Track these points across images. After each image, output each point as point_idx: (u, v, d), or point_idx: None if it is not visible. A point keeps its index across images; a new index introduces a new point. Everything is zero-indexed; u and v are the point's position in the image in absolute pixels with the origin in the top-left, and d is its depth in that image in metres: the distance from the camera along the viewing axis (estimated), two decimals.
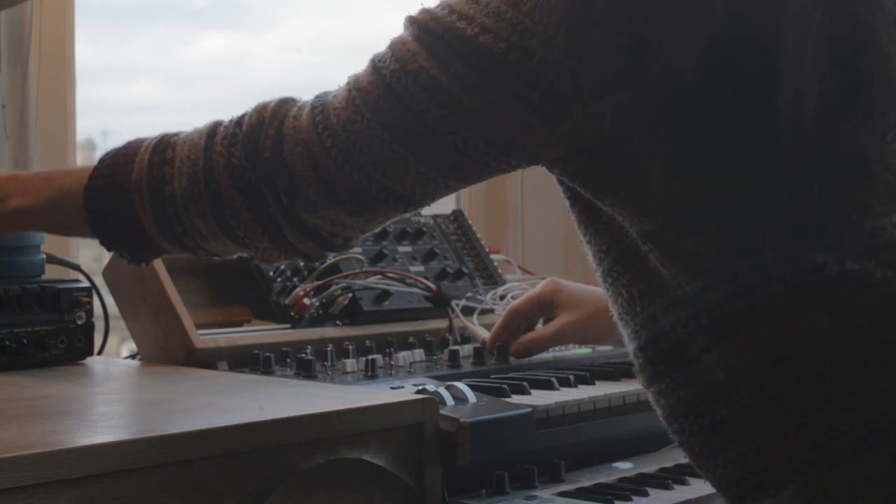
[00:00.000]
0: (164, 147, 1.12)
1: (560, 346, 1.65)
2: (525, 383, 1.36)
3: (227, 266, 1.60)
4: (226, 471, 0.98)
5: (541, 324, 1.62)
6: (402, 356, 1.49)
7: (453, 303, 1.69)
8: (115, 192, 1.13)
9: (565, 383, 1.40)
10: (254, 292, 1.63)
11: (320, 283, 1.62)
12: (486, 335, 1.62)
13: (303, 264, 1.64)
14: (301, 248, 1.09)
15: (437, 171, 1.02)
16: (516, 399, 1.31)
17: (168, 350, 1.48)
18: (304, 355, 1.43)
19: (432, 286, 1.69)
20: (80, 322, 1.44)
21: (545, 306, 1.58)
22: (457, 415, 1.17)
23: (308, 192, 1.04)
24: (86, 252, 2.01)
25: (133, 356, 1.61)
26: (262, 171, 1.05)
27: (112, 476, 0.91)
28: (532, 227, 2.56)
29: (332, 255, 1.41)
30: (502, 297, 1.78)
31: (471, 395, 1.25)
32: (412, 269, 1.77)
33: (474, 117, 0.99)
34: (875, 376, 0.92)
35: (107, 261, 1.55)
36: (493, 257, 1.94)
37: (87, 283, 1.49)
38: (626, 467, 1.34)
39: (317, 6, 2.70)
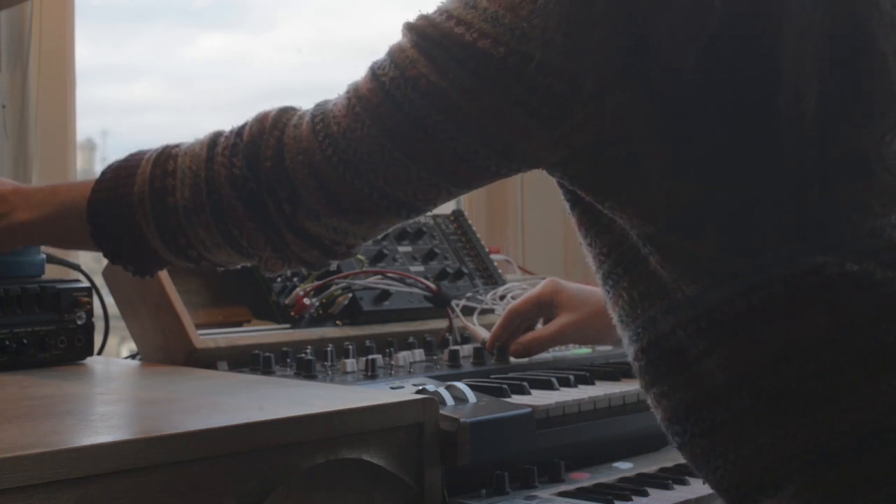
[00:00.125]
0: (165, 159, 1.12)
1: (560, 346, 1.65)
2: (525, 383, 1.36)
3: None
4: (226, 471, 0.98)
5: (541, 324, 1.62)
6: (402, 356, 1.49)
7: (453, 303, 1.69)
8: (118, 205, 1.13)
9: (565, 383, 1.40)
10: (254, 292, 1.63)
11: (320, 283, 1.62)
12: (486, 335, 1.62)
13: None
14: (304, 256, 1.09)
15: (438, 176, 1.02)
16: (516, 399, 1.31)
17: (168, 350, 1.48)
18: (304, 355, 1.43)
19: (432, 286, 1.69)
20: (80, 322, 1.44)
21: (545, 306, 1.59)
22: (457, 415, 1.17)
23: (310, 200, 1.04)
24: (86, 252, 2.00)
25: (133, 356, 1.61)
26: (263, 181, 1.05)
27: (112, 476, 0.91)
28: (532, 227, 2.56)
29: (336, 262, 1.41)
30: (502, 297, 1.78)
31: (471, 395, 1.25)
32: (412, 269, 1.77)
33: (473, 123, 0.99)
34: (875, 376, 0.92)
35: (107, 261, 1.55)
36: (493, 257, 1.94)
37: (87, 283, 1.49)
38: (626, 467, 1.34)
39: (317, 6, 2.70)
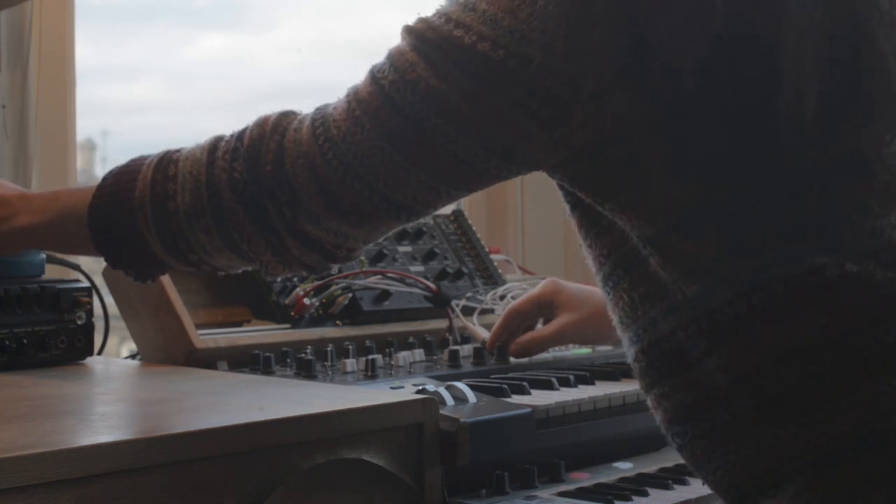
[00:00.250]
0: (166, 164, 1.12)
1: (560, 346, 1.65)
2: (525, 383, 1.36)
3: None
4: (226, 471, 0.98)
5: (541, 324, 1.62)
6: (402, 356, 1.49)
7: (453, 303, 1.69)
8: (119, 210, 1.13)
9: (565, 383, 1.40)
10: (254, 292, 1.63)
11: (320, 283, 1.62)
12: (486, 335, 1.62)
13: None
14: (305, 260, 1.09)
15: (438, 179, 1.02)
16: (516, 399, 1.31)
17: (168, 350, 1.48)
18: (304, 355, 1.43)
19: (432, 286, 1.69)
20: (80, 322, 1.44)
21: (545, 306, 1.59)
22: (457, 415, 1.17)
23: (310, 204, 1.04)
24: None
25: (133, 356, 1.61)
26: (264, 185, 1.05)
27: (112, 476, 0.91)
28: (532, 227, 2.56)
29: (336, 266, 1.41)
30: (502, 297, 1.78)
31: (471, 395, 1.25)
32: (412, 269, 1.77)
33: (473, 125, 0.99)
34: (875, 377, 0.92)
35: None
36: (493, 257, 1.94)
37: (87, 283, 1.49)
38: (626, 467, 1.34)
39: (317, 6, 2.70)
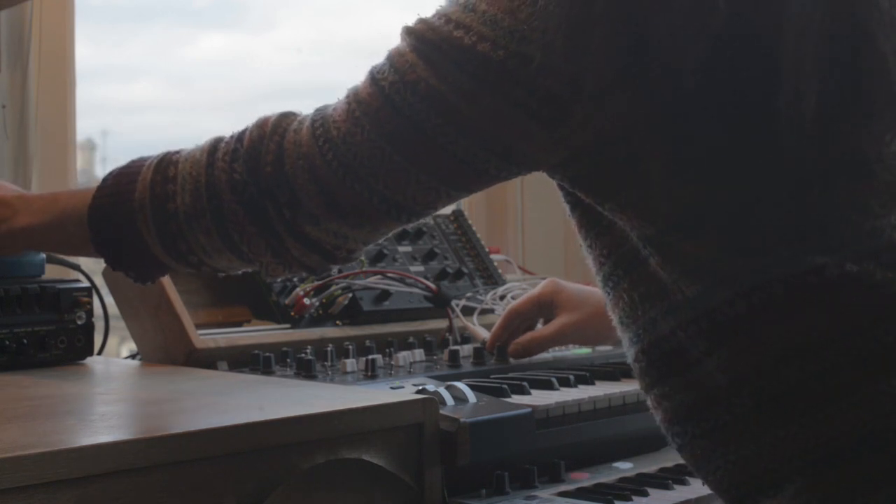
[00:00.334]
0: (166, 165, 1.12)
1: (560, 346, 1.65)
2: (525, 383, 1.36)
3: None
4: (226, 471, 0.98)
5: (541, 324, 1.62)
6: (402, 356, 1.49)
7: (453, 303, 1.69)
8: (119, 211, 1.13)
9: (565, 383, 1.40)
10: (254, 292, 1.63)
11: (320, 282, 1.62)
12: (486, 335, 1.62)
13: None
14: (305, 261, 1.09)
15: (438, 179, 1.02)
16: (516, 399, 1.31)
17: (168, 350, 1.48)
18: (304, 355, 1.43)
19: (432, 286, 1.69)
20: (80, 322, 1.44)
21: (545, 307, 1.58)
22: (457, 415, 1.17)
23: (310, 205, 1.04)
24: None
25: (133, 356, 1.61)
26: (263, 186, 1.05)
27: (112, 476, 0.91)
28: (532, 227, 2.56)
29: (336, 267, 1.41)
30: (502, 297, 1.78)
31: (471, 395, 1.25)
32: (412, 269, 1.77)
33: (473, 126, 0.99)
34: (875, 377, 0.92)
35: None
36: (493, 257, 1.94)
37: (87, 283, 1.49)
38: (626, 467, 1.34)
39: (317, 6, 2.70)
